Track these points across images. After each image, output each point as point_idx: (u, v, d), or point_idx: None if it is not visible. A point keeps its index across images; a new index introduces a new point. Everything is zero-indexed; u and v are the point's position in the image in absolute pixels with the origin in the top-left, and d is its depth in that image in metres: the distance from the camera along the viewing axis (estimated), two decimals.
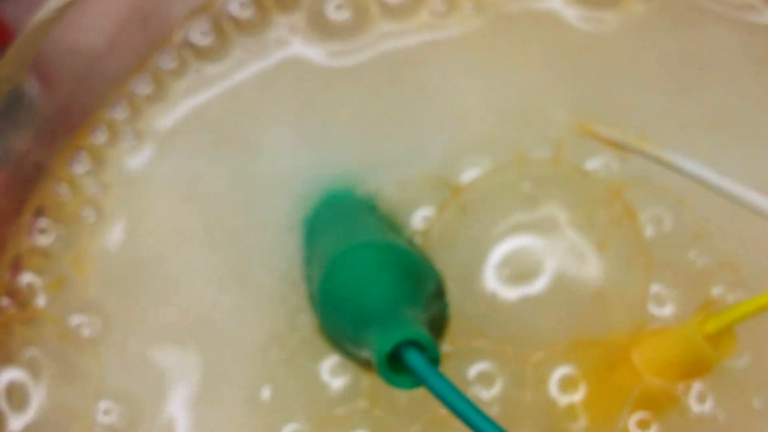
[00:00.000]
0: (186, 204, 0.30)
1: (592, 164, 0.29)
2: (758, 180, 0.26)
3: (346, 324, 0.25)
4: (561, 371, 0.28)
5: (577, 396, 0.28)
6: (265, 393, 0.28)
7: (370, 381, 0.28)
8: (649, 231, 0.29)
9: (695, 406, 0.28)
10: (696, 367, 0.27)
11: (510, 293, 0.28)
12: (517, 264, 0.28)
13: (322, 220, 0.29)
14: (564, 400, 0.28)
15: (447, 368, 0.28)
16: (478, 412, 0.21)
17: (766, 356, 0.28)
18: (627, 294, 0.28)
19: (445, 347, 0.28)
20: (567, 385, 0.28)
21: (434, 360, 0.23)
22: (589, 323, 0.28)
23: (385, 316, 0.23)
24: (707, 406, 0.28)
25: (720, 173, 0.25)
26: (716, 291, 0.29)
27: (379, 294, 0.25)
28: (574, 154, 0.30)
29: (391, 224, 0.29)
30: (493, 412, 0.28)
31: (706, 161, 0.26)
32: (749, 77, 0.30)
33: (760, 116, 0.30)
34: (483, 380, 0.28)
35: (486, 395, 0.28)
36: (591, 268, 0.29)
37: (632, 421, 0.28)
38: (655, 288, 0.29)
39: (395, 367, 0.23)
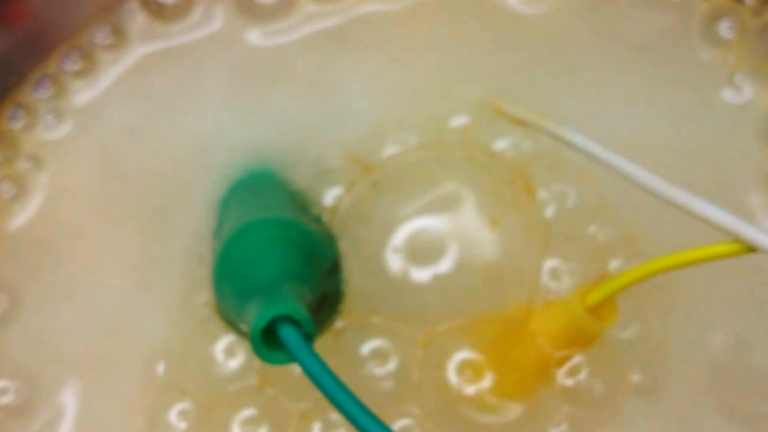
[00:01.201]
0: (105, 181, 0.30)
1: (501, 144, 0.30)
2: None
3: (234, 300, 0.26)
4: (462, 354, 0.29)
5: (485, 382, 0.28)
6: (160, 369, 0.29)
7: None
8: (552, 207, 0.29)
9: (567, 380, 0.29)
10: (581, 337, 0.28)
11: (411, 271, 0.29)
12: (419, 243, 0.29)
13: (234, 198, 0.30)
14: (467, 383, 0.28)
15: (342, 343, 0.29)
16: (345, 391, 0.22)
17: (653, 329, 0.29)
18: (524, 269, 0.29)
19: (341, 323, 0.28)
20: (468, 369, 0.29)
21: (309, 336, 0.24)
22: (487, 300, 0.29)
23: (266, 292, 0.24)
24: (582, 377, 0.29)
25: (617, 153, 0.26)
26: (614, 264, 0.29)
27: (265, 269, 0.26)
28: (485, 134, 0.30)
29: (301, 202, 0.29)
30: (386, 387, 0.28)
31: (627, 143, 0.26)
32: (679, 61, 0.31)
33: (677, 93, 0.30)
34: (377, 356, 0.29)
35: (380, 371, 0.28)
36: (490, 246, 0.29)
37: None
38: (553, 262, 0.29)
39: (274, 342, 0.24)
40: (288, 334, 0.23)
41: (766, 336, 0.29)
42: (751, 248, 0.24)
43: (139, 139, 0.30)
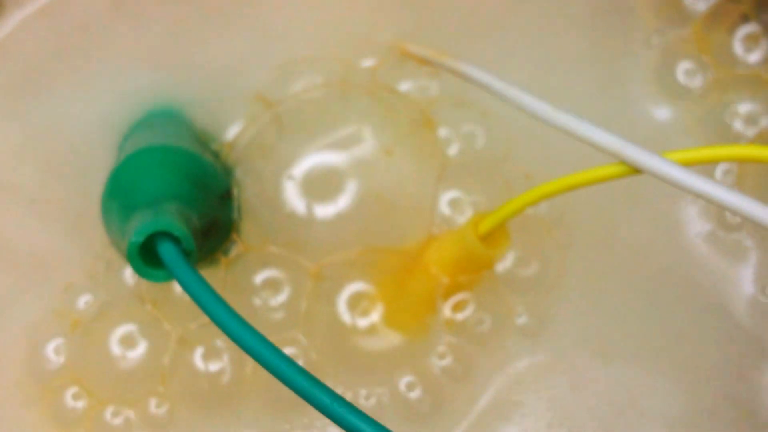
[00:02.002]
0: (5, 122, 0.30)
1: (406, 86, 0.30)
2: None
3: (120, 223, 0.26)
4: (354, 286, 0.28)
5: (374, 314, 0.28)
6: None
7: (154, 284, 0.28)
8: (456, 146, 0.29)
9: (456, 314, 0.29)
10: (474, 264, 0.28)
11: (307, 204, 0.29)
12: (317, 177, 0.29)
13: (131, 136, 0.29)
14: (357, 314, 0.28)
15: (236, 272, 0.28)
16: (222, 304, 0.22)
17: (552, 267, 0.29)
18: (420, 201, 0.29)
19: (235, 251, 0.28)
20: (359, 300, 0.28)
21: (188, 253, 0.23)
22: (383, 233, 0.29)
23: (146, 211, 0.24)
24: (467, 313, 0.29)
25: (522, 89, 0.26)
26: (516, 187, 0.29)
27: (151, 191, 0.25)
28: (392, 76, 0.30)
29: (198, 136, 0.29)
30: (276, 317, 0.28)
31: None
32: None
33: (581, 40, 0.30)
34: (270, 287, 0.28)
35: (272, 302, 0.28)
36: (385, 177, 0.29)
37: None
38: (453, 194, 0.29)
39: (155, 260, 0.24)
40: (166, 249, 0.23)
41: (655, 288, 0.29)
42: (635, 170, 0.24)
43: (38, 89, 0.30)
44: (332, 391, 0.20)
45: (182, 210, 0.24)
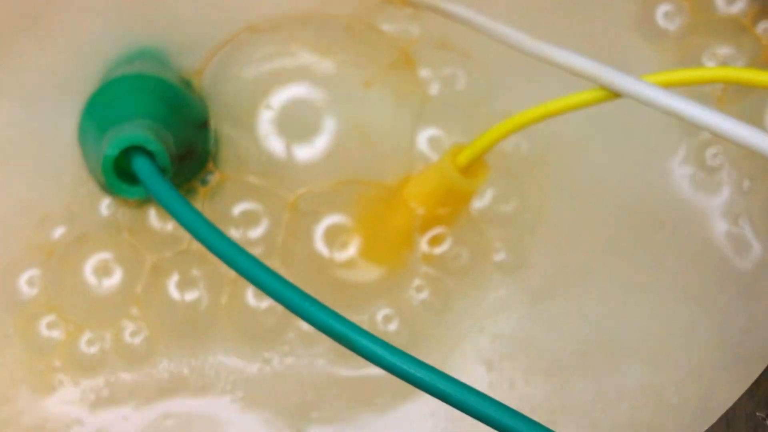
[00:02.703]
0: None
1: (387, 27, 0.30)
2: None
3: (96, 149, 0.26)
4: (332, 218, 0.28)
5: (351, 246, 0.28)
6: None
7: (132, 212, 0.28)
8: (440, 87, 0.29)
9: (434, 249, 0.28)
10: (455, 196, 0.28)
11: (286, 136, 0.29)
12: (295, 109, 0.29)
13: (106, 75, 0.29)
14: (334, 246, 0.28)
15: (213, 203, 0.28)
16: (197, 214, 0.22)
17: (532, 205, 0.29)
18: (398, 136, 0.29)
19: (213, 180, 0.28)
20: (336, 232, 0.28)
21: (163, 169, 0.23)
22: (361, 165, 0.29)
23: (121, 126, 0.24)
24: (445, 246, 0.29)
25: (503, 23, 0.26)
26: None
27: (126, 114, 0.25)
28: (372, 16, 0.30)
29: (175, 71, 0.29)
30: (256, 251, 0.28)
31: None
32: None
33: None
34: (247, 218, 0.28)
35: (253, 234, 0.28)
36: (367, 117, 0.29)
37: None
38: (432, 132, 0.29)
39: (131, 179, 0.24)
40: (140, 163, 0.23)
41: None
42: (615, 94, 0.24)
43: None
44: (310, 296, 0.19)
45: (158, 129, 0.24)
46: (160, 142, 0.23)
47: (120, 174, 0.24)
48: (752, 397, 0.26)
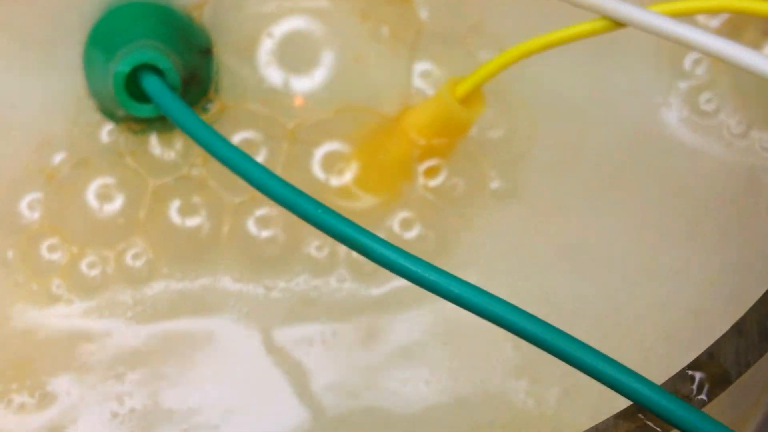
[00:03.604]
0: None
1: None
2: None
3: (102, 71, 0.26)
4: (329, 146, 0.29)
5: (348, 175, 0.29)
6: None
7: (134, 138, 0.28)
8: (433, 20, 0.29)
9: (429, 181, 0.29)
10: (451, 127, 0.28)
11: (286, 65, 0.29)
12: (295, 39, 0.29)
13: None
14: (332, 174, 0.28)
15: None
16: (209, 128, 0.22)
17: (521, 132, 0.29)
18: (397, 71, 0.29)
19: (213, 105, 0.28)
20: (334, 160, 0.29)
21: (173, 87, 0.24)
22: (359, 95, 0.29)
23: (131, 46, 0.24)
24: (440, 179, 0.29)
25: None
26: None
27: (132, 38, 0.25)
28: None
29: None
30: None
31: None
32: None
33: None
34: (247, 147, 0.28)
35: None
36: (365, 50, 0.29)
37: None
38: (427, 66, 0.29)
39: (138, 98, 0.24)
40: (151, 81, 0.23)
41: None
42: (619, 23, 0.25)
43: None
44: (322, 204, 0.20)
45: (166, 50, 0.25)
46: (170, 62, 0.23)
47: (129, 94, 0.24)
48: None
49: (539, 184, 0.29)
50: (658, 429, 0.18)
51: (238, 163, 0.21)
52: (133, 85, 0.24)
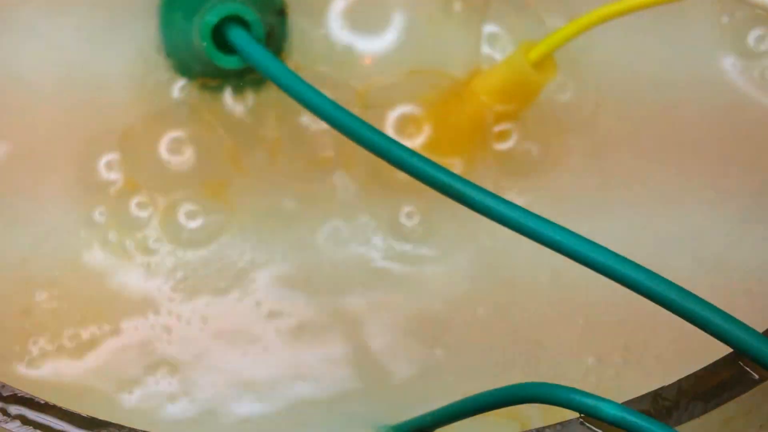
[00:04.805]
0: None
1: None
2: None
3: (179, 27, 0.26)
4: (401, 109, 0.29)
5: (420, 138, 0.29)
6: None
7: (205, 95, 0.28)
8: None
9: (503, 144, 0.29)
10: (523, 91, 0.28)
11: (357, 28, 0.29)
12: (365, 6, 0.29)
13: None
14: (404, 137, 0.29)
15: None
16: (297, 78, 0.22)
17: (588, 95, 0.29)
18: (468, 34, 0.29)
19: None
20: (406, 123, 0.29)
21: (259, 39, 0.24)
22: (432, 61, 0.29)
23: (213, 2, 0.24)
24: (511, 143, 0.29)
25: None
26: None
27: None
28: None
29: None
30: (323, 142, 0.28)
31: None
32: None
33: None
34: None
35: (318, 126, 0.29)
36: (435, 13, 0.29)
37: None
38: (493, 30, 0.29)
39: (224, 51, 0.25)
40: (238, 32, 0.23)
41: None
42: None
43: None
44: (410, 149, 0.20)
45: (248, 4, 0.25)
46: (256, 14, 0.24)
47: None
48: None
49: (611, 148, 0.29)
50: (756, 376, 0.18)
51: (329, 111, 0.22)
52: (216, 38, 0.25)
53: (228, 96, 0.28)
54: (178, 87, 0.28)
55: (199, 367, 0.27)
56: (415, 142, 0.29)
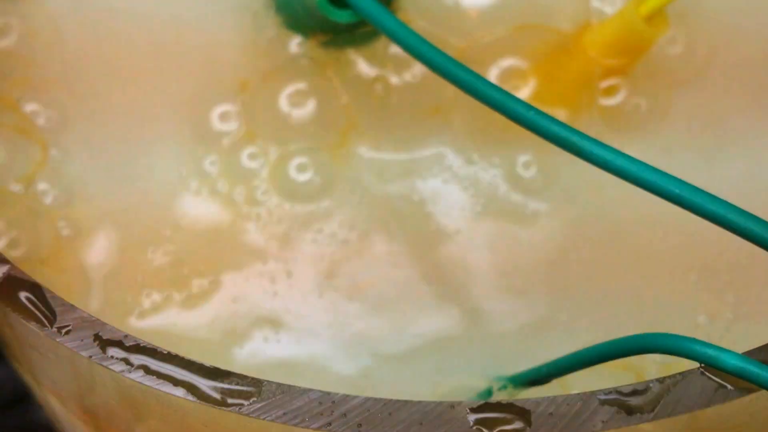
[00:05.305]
0: None
1: None
2: None
3: None
4: (507, 62, 0.29)
5: (525, 91, 0.29)
6: None
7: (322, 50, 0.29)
8: None
9: (611, 100, 0.29)
10: (633, 46, 0.28)
11: None
12: None
13: None
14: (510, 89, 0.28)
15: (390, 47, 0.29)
16: (414, 34, 0.22)
17: (700, 49, 0.29)
18: None
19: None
20: (511, 79, 0.29)
21: None
22: (539, 15, 0.29)
23: None
24: (619, 98, 0.29)
25: None
26: None
27: None
28: None
29: None
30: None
31: None
32: None
33: None
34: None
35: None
36: None
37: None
38: None
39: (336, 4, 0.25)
40: None
41: None
42: None
43: None
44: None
45: None
46: None
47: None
48: None
49: (723, 103, 0.29)
50: None
51: (441, 63, 0.22)
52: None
53: (342, 51, 0.28)
54: (295, 42, 0.29)
55: (309, 321, 0.28)
56: (520, 95, 0.29)
